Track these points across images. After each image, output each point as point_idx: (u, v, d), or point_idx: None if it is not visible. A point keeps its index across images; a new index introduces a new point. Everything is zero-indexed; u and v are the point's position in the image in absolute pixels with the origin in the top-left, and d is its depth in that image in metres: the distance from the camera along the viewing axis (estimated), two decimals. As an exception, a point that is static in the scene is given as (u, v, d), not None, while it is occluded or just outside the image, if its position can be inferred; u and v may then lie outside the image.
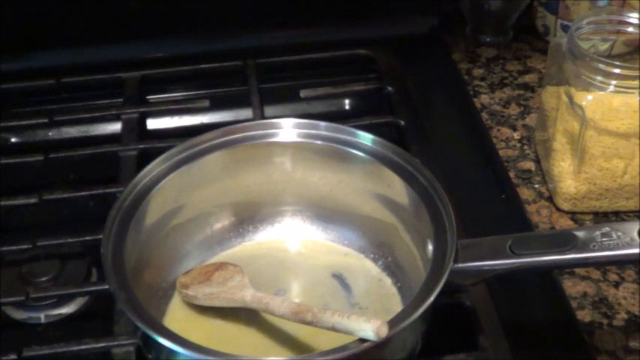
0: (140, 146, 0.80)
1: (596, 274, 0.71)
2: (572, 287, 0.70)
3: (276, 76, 0.92)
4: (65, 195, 0.75)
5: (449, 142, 0.84)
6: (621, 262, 0.67)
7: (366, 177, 0.68)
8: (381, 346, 0.53)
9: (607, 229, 0.65)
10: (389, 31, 0.95)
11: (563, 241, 0.59)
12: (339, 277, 0.68)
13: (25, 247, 0.70)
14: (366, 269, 0.69)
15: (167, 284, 0.66)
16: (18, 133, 0.89)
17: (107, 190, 0.74)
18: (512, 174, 0.81)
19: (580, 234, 0.60)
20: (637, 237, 0.61)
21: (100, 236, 0.61)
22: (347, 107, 0.92)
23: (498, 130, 0.87)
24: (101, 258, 0.59)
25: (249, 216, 0.72)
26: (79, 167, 0.82)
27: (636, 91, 0.71)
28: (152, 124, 0.88)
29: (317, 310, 0.57)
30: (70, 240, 0.70)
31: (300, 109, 0.88)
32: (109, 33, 0.91)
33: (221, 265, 0.66)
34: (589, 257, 0.59)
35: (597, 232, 0.65)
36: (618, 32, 0.79)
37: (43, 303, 0.68)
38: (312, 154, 0.69)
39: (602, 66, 0.71)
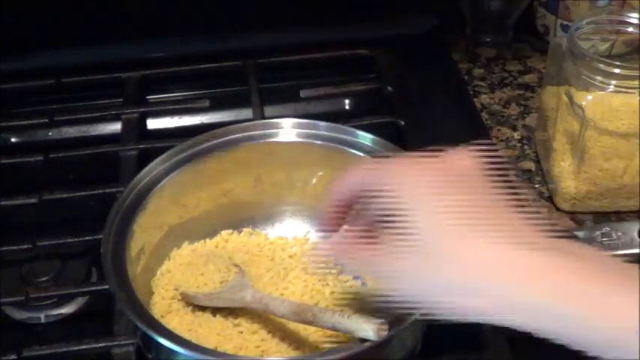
0: (140, 146, 0.80)
1: (596, 274, 0.71)
2: (572, 287, 0.69)
3: (276, 76, 0.91)
4: (65, 195, 0.75)
5: (449, 142, 0.84)
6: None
7: (366, 177, 0.68)
8: (381, 346, 0.53)
9: (607, 229, 0.65)
10: (389, 31, 0.95)
11: (563, 241, 0.59)
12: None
13: (25, 247, 0.70)
14: (366, 269, 0.69)
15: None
16: (18, 133, 0.88)
17: (107, 190, 0.74)
18: (512, 174, 0.81)
19: (580, 234, 0.60)
20: (637, 237, 0.61)
21: (100, 236, 0.61)
22: (347, 107, 0.92)
23: (498, 130, 0.87)
24: (101, 258, 0.59)
25: (249, 216, 0.72)
26: (79, 167, 0.82)
27: (636, 91, 0.71)
28: (152, 124, 0.88)
29: (317, 309, 0.57)
30: (70, 240, 0.70)
31: (300, 109, 0.88)
32: (109, 33, 0.91)
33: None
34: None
35: (597, 232, 0.65)
36: (618, 32, 0.79)
37: (43, 303, 0.68)
38: (312, 154, 0.69)
39: (602, 66, 0.71)
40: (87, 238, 0.69)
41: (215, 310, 0.64)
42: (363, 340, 0.52)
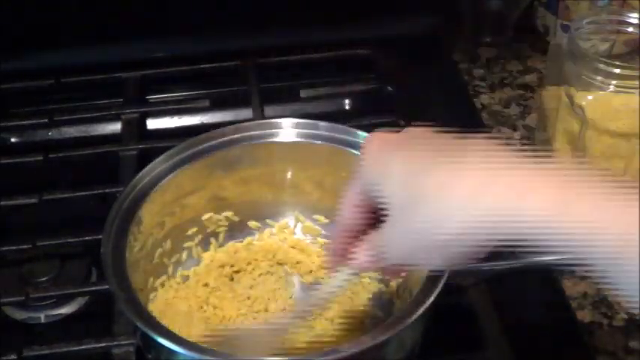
0: (140, 146, 0.80)
1: (596, 274, 0.71)
2: (572, 287, 0.70)
3: (276, 76, 0.91)
4: (65, 195, 0.75)
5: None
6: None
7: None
8: (381, 346, 0.53)
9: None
10: (389, 31, 0.95)
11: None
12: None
13: (25, 247, 0.70)
14: (366, 269, 0.69)
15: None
16: (18, 133, 0.88)
17: (107, 190, 0.74)
18: (512, 174, 0.81)
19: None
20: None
21: (100, 236, 0.61)
22: (347, 107, 0.92)
23: (499, 130, 0.87)
24: (101, 258, 0.59)
25: (249, 216, 0.72)
26: (79, 167, 0.82)
27: (636, 91, 0.71)
28: (152, 124, 0.88)
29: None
30: (70, 240, 0.71)
31: (300, 109, 0.88)
32: (109, 33, 0.91)
33: None
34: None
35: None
36: (618, 32, 0.79)
37: (43, 303, 0.68)
38: (312, 154, 0.69)
39: (602, 66, 0.71)
40: (87, 238, 0.70)
41: (215, 310, 0.64)
42: (363, 341, 0.52)
